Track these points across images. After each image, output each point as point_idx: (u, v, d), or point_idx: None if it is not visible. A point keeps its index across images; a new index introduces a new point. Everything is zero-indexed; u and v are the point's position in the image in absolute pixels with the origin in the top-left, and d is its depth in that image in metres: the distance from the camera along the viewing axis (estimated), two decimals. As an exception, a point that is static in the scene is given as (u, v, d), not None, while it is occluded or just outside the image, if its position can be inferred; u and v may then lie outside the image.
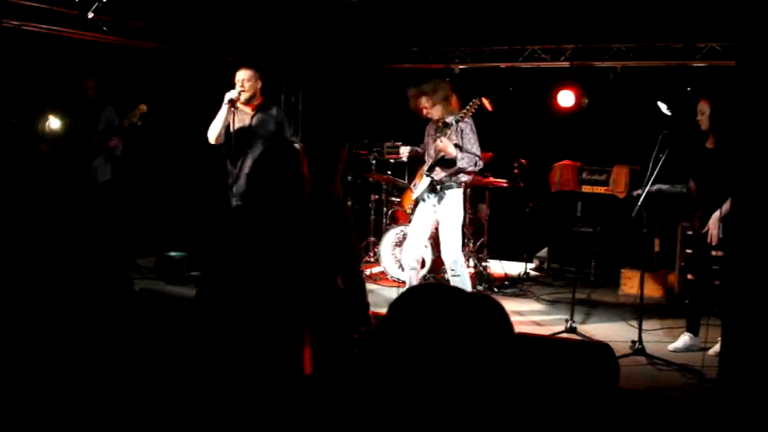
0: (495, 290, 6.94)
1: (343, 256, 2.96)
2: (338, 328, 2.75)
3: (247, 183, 2.99)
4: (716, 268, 5.01)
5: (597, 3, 6.96)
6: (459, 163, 5.42)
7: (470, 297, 1.35)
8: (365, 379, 1.32)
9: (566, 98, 7.62)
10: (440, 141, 5.36)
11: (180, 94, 7.96)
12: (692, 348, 5.02)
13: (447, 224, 5.57)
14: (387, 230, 7.15)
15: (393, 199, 7.62)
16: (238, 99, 5.39)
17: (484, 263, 7.18)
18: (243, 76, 5.42)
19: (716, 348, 4.77)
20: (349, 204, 8.02)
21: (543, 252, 8.25)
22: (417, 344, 1.27)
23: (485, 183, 6.94)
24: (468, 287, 5.70)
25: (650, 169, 4.87)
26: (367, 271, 7.41)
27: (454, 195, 5.59)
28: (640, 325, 4.96)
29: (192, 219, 7.73)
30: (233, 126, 5.37)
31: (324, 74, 8.88)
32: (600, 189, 7.59)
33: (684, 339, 5.10)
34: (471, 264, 6.93)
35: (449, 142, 5.35)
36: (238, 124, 5.42)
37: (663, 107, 6.22)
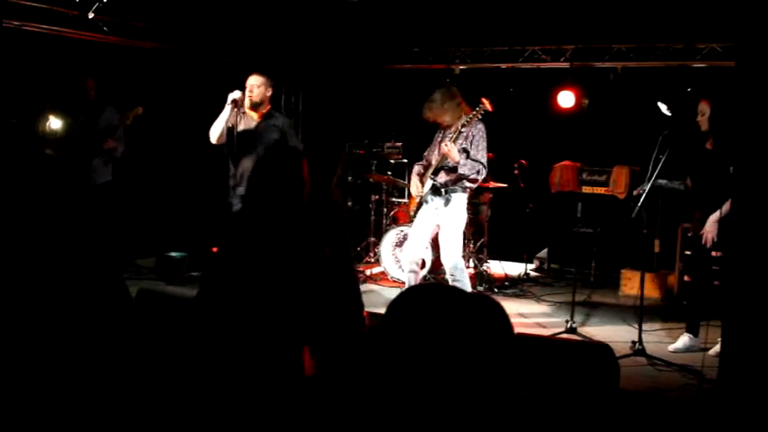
0: (495, 290, 6.94)
1: (340, 258, 2.96)
2: (337, 330, 2.75)
3: (248, 184, 2.97)
4: (716, 269, 5.02)
5: (597, 3, 6.96)
6: (460, 169, 5.38)
7: (470, 297, 1.35)
8: (365, 379, 1.32)
9: (566, 99, 7.62)
10: (444, 145, 5.34)
11: (180, 95, 7.96)
12: (692, 349, 5.02)
13: (449, 228, 5.51)
14: (387, 231, 7.15)
15: (393, 199, 7.62)
16: (242, 100, 5.38)
17: (484, 263, 7.18)
18: (253, 82, 5.42)
19: (716, 349, 4.77)
20: (349, 205, 8.02)
21: (543, 253, 8.25)
22: (417, 344, 1.27)
23: (484, 185, 6.94)
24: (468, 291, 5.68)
25: (650, 170, 4.87)
26: (367, 271, 7.42)
27: (458, 200, 5.53)
28: (640, 325, 4.96)
29: (193, 219, 7.74)
30: (237, 129, 5.36)
31: (324, 74, 8.88)
32: (600, 190, 7.59)
33: (684, 340, 5.10)
34: (471, 264, 6.93)
35: (453, 147, 5.32)
36: (243, 128, 5.41)
37: (663, 108, 6.22)
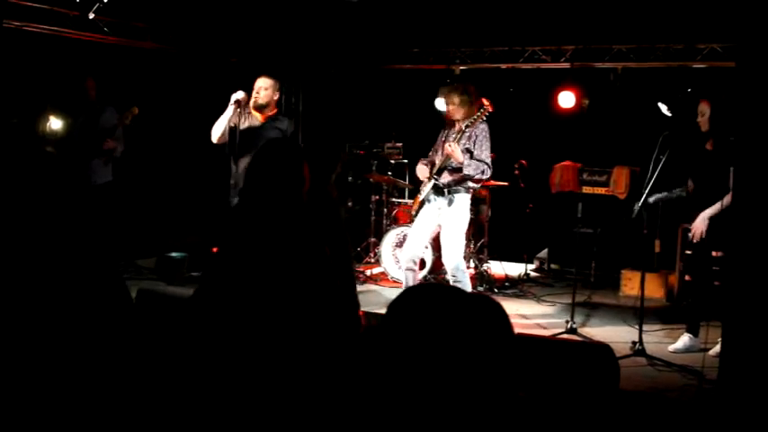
0: (495, 291, 6.94)
1: (339, 257, 2.96)
2: (336, 328, 2.76)
3: (245, 178, 2.96)
4: (716, 269, 5.02)
5: (598, 4, 6.96)
6: (465, 170, 5.38)
7: (470, 297, 1.35)
8: (365, 379, 1.32)
9: (566, 99, 7.62)
10: (448, 146, 5.34)
11: (180, 95, 7.97)
12: (693, 349, 5.02)
13: (451, 229, 5.48)
14: (387, 231, 7.15)
15: (393, 200, 7.62)
16: (245, 101, 5.39)
17: (484, 264, 7.18)
18: (261, 84, 5.43)
19: (716, 349, 4.77)
20: (349, 205, 8.02)
21: (543, 253, 8.25)
22: (417, 344, 1.28)
23: (485, 183, 6.94)
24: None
25: (650, 170, 4.87)
26: (367, 271, 7.42)
27: (461, 200, 5.51)
28: (641, 326, 4.96)
29: (193, 219, 7.74)
30: (239, 128, 5.35)
31: (324, 74, 8.88)
32: (600, 190, 7.59)
33: (684, 340, 5.10)
34: (472, 265, 6.93)
35: (457, 147, 5.32)
36: (245, 127, 5.40)
37: (663, 108, 6.23)
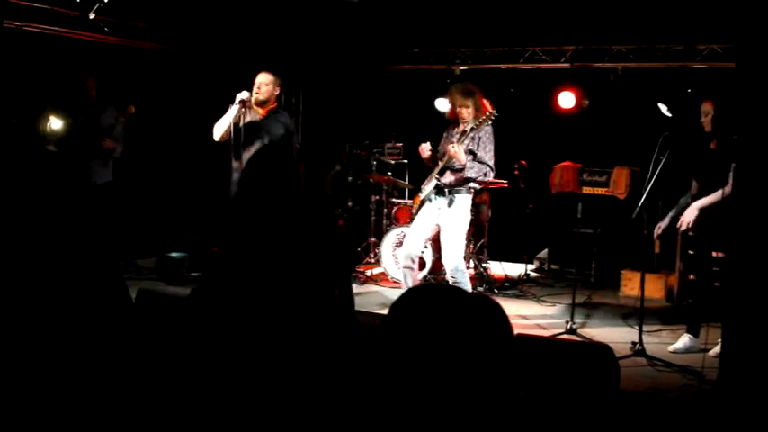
0: (495, 291, 6.93)
1: (335, 254, 2.96)
2: (335, 328, 2.75)
3: (241, 176, 2.99)
4: (716, 269, 5.01)
5: (598, 4, 6.96)
6: (467, 172, 5.38)
7: (470, 298, 1.35)
8: (365, 379, 1.32)
9: (566, 99, 7.63)
10: (451, 147, 5.34)
11: (180, 95, 7.97)
12: (693, 349, 5.02)
13: (451, 229, 5.46)
14: (387, 231, 7.15)
15: (393, 200, 7.62)
16: (249, 100, 5.41)
17: (484, 264, 7.18)
18: (262, 80, 5.44)
19: (716, 349, 4.77)
20: (349, 205, 8.02)
21: (543, 253, 8.25)
22: (417, 344, 1.28)
23: (485, 185, 6.94)
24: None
25: (650, 171, 4.87)
26: (367, 272, 7.42)
27: (462, 201, 5.50)
28: (641, 326, 4.96)
29: (193, 219, 7.74)
30: (242, 123, 5.40)
31: (324, 75, 8.89)
32: (600, 190, 7.59)
33: (684, 340, 5.10)
34: (471, 265, 6.93)
35: (460, 149, 5.32)
36: (248, 121, 5.44)
37: (663, 109, 6.23)
